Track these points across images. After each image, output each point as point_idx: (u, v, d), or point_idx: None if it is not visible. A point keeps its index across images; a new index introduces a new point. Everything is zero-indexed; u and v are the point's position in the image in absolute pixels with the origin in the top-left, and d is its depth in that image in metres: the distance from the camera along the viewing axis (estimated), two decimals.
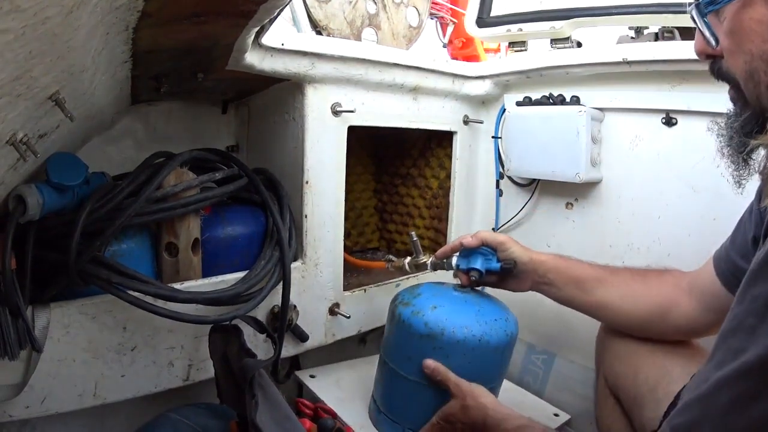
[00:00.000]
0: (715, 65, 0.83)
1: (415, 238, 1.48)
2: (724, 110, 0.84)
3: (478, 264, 1.28)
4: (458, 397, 1.13)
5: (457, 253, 1.34)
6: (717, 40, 0.78)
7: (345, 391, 1.49)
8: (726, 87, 0.83)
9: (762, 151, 0.78)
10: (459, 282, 1.33)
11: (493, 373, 1.24)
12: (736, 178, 0.83)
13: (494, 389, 1.25)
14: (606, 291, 1.21)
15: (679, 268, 1.19)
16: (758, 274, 0.59)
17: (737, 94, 0.81)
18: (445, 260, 1.38)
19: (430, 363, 1.17)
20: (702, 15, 0.78)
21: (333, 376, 1.56)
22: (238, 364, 1.09)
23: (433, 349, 1.18)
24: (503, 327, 1.21)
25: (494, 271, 1.27)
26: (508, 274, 1.27)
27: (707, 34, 0.79)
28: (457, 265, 1.33)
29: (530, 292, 1.31)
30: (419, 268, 1.49)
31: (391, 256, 1.58)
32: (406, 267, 1.50)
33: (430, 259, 1.45)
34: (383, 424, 1.31)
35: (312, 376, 1.54)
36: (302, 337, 1.44)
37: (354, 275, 1.74)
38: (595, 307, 1.23)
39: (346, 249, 1.59)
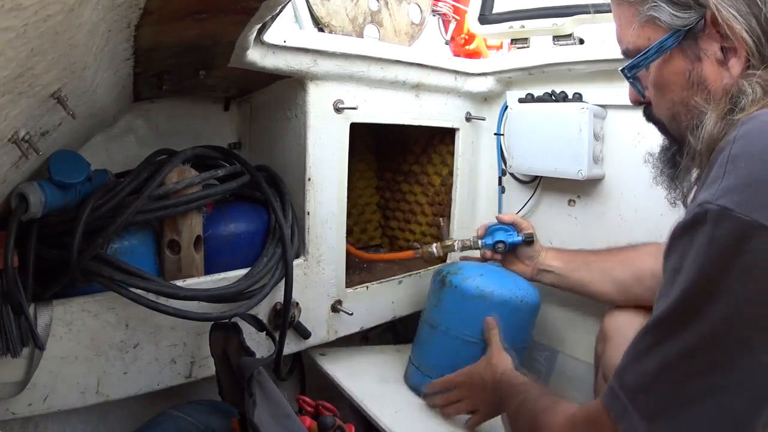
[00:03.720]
0: (646, 110, 0.97)
1: (443, 224, 1.66)
2: None
3: (503, 237, 1.49)
4: (488, 355, 1.29)
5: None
6: (643, 94, 0.94)
7: (354, 368, 1.53)
8: None
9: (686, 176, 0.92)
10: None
11: (527, 332, 1.45)
12: (671, 200, 0.97)
13: (525, 349, 1.44)
14: (589, 269, 1.40)
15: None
16: (666, 251, 0.72)
17: (665, 134, 0.95)
18: (471, 241, 1.57)
19: (490, 320, 1.35)
20: (628, 75, 0.91)
21: (343, 356, 1.61)
22: (237, 362, 1.09)
23: (486, 309, 1.35)
24: (533, 292, 1.42)
25: (517, 243, 1.48)
26: (530, 244, 1.47)
27: (634, 89, 0.94)
28: (484, 243, 1.53)
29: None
30: (446, 249, 1.62)
31: (416, 243, 1.68)
32: (434, 251, 1.62)
33: (457, 242, 1.59)
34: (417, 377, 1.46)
35: (322, 354, 1.59)
36: (304, 334, 1.45)
37: (356, 272, 1.75)
38: (581, 286, 1.41)
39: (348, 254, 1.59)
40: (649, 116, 0.96)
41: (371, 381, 1.46)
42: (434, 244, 1.61)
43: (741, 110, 0.74)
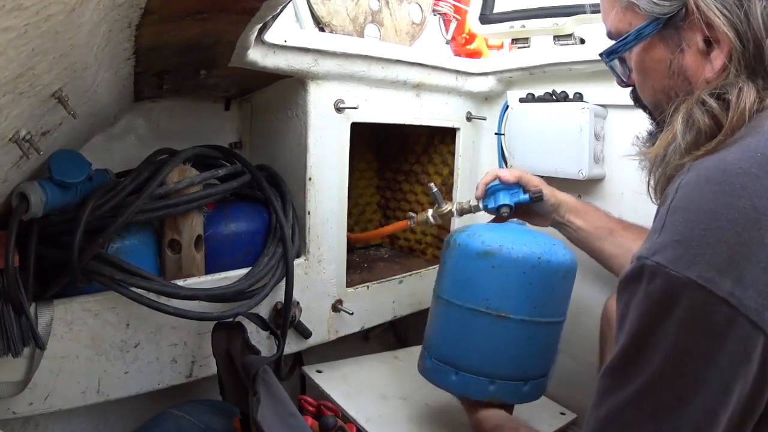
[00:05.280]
0: (633, 93, 0.95)
1: (435, 189, 1.46)
2: None
3: (507, 199, 1.31)
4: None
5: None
6: (623, 80, 0.93)
7: (352, 386, 1.50)
8: None
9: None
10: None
11: (557, 301, 1.20)
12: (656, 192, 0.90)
13: (560, 324, 1.24)
14: (614, 242, 1.29)
15: None
16: (617, 297, 0.71)
17: (651, 118, 0.94)
18: (470, 204, 1.41)
19: None
20: (606, 60, 0.91)
21: (339, 372, 1.57)
22: (242, 360, 1.09)
23: (491, 268, 1.14)
24: (562, 251, 1.19)
25: (524, 202, 1.30)
26: (539, 202, 1.30)
27: (615, 74, 0.94)
28: (485, 206, 1.36)
29: None
30: (444, 217, 1.48)
31: (411, 213, 1.55)
32: (430, 219, 1.48)
33: (455, 206, 1.45)
34: (435, 371, 1.23)
35: (319, 372, 1.55)
36: (305, 333, 1.45)
37: (357, 272, 1.75)
38: (602, 256, 1.31)
39: (349, 245, 1.59)
40: (636, 99, 0.96)
41: (371, 399, 1.44)
42: (429, 211, 1.49)
43: (687, 152, 0.75)
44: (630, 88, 0.96)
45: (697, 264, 0.61)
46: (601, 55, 0.92)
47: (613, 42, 0.88)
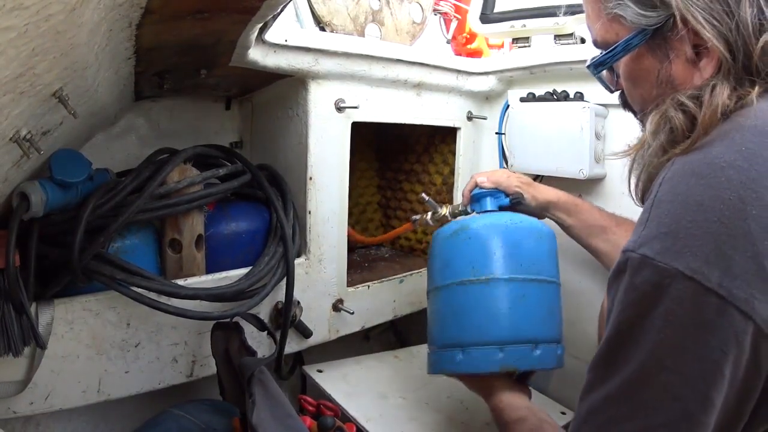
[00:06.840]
0: (621, 97, 0.95)
1: (427, 199, 1.50)
2: None
3: (492, 205, 1.35)
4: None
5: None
6: (611, 88, 0.95)
7: (352, 385, 1.50)
8: None
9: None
10: None
11: (540, 259, 1.20)
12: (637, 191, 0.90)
13: (552, 284, 1.22)
14: (607, 239, 1.29)
15: None
16: (606, 293, 0.72)
17: (641, 122, 0.91)
18: (460, 209, 1.45)
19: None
20: (594, 72, 0.91)
21: (340, 371, 1.57)
22: (239, 362, 1.10)
23: (465, 240, 1.19)
24: (534, 221, 1.24)
25: (505, 206, 1.34)
26: (519, 204, 1.32)
27: (603, 84, 0.95)
28: (473, 209, 1.39)
29: None
30: (441, 221, 1.51)
31: (415, 216, 1.59)
32: (429, 222, 1.53)
33: (448, 210, 1.49)
34: (440, 359, 1.21)
35: (319, 371, 1.55)
36: (306, 333, 1.45)
37: (357, 271, 1.75)
38: (596, 253, 1.32)
39: (350, 245, 1.59)
40: (624, 103, 0.95)
41: (371, 398, 1.45)
42: (429, 214, 1.53)
43: (665, 151, 0.75)
44: (619, 92, 0.96)
45: (684, 255, 0.61)
46: (588, 67, 0.91)
47: (600, 53, 0.87)
